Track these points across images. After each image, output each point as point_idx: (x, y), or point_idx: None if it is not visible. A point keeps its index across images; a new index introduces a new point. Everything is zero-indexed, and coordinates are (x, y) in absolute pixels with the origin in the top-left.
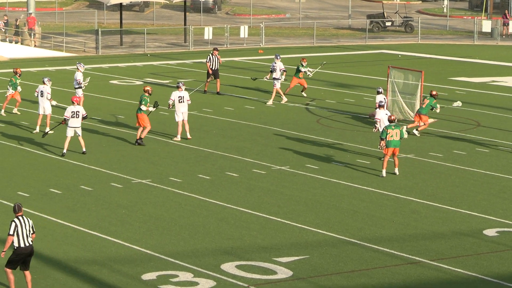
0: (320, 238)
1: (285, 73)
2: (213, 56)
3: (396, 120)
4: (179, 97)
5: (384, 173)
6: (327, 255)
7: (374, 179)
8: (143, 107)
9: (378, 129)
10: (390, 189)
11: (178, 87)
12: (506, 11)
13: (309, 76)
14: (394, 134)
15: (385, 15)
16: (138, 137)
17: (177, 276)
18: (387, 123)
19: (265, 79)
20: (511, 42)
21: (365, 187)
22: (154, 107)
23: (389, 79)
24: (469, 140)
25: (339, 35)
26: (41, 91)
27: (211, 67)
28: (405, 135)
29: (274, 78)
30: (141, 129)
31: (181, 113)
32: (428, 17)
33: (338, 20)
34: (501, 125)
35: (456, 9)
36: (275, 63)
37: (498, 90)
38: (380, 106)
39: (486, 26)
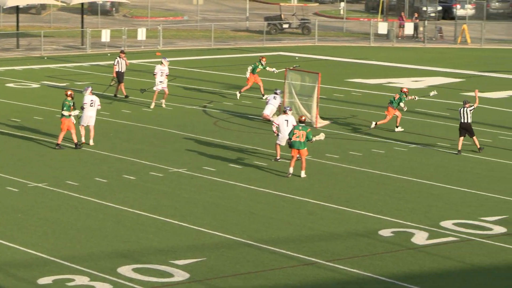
0: (217, 240)
1: (166, 76)
2: (120, 59)
3: (305, 121)
4: (91, 101)
5: (291, 170)
6: (224, 257)
7: (271, 180)
8: (65, 112)
9: (277, 134)
10: (287, 190)
11: (86, 90)
12: (402, 13)
13: (275, 72)
14: (300, 135)
15: (282, 17)
16: (75, 141)
17: (73, 280)
18: (285, 127)
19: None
20: (406, 43)
21: (262, 189)
22: (81, 110)
23: (286, 81)
24: (365, 141)
25: (237, 37)
26: None
27: (118, 69)
28: (312, 138)
29: (160, 81)
30: (67, 132)
31: (89, 117)
32: (325, 19)
33: (236, 22)
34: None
35: (353, 11)
36: (162, 66)
37: (393, 91)
38: (285, 112)
39: (382, 28)
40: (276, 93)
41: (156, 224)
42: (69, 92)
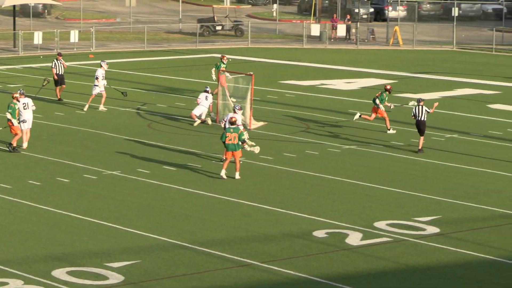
0: (152, 242)
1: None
2: (58, 62)
3: (237, 123)
4: (23, 104)
5: (223, 174)
6: (159, 259)
7: (206, 182)
8: (8, 115)
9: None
10: (221, 192)
11: (20, 95)
12: (335, 15)
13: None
14: (232, 138)
15: (215, 19)
16: (13, 144)
17: (7, 283)
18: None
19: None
20: (339, 45)
21: (197, 191)
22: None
23: (219, 83)
24: (299, 143)
25: (170, 39)
26: None
27: (57, 72)
28: (245, 137)
29: (95, 85)
30: (16, 137)
31: (26, 119)
32: (258, 21)
33: (169, 24)
34: (331, 127)
35: (285, 13)
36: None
37: (327, 92)
38: (234, 111)
39: (315, 29)
40: (206, 91)
41: (91, 227)
42: (15, 95)
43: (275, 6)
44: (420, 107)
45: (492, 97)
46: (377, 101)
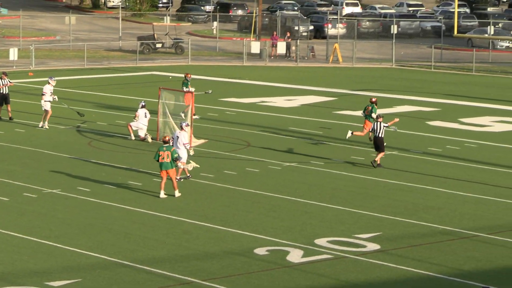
0: (93, 261)
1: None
2: (2, 80)
3: (170, 141)
4: None
5: (162, 195)
6: (100, 278)
7: (146, 200)
8: None
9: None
10: (162, 210)
11: None
12: (274, 32)
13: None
14: (165, 156)
15: (155, 36)
16: None
17: None
18: (176, 144)
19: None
20: (279, 63)
21: (138, 209)
22: None
23: (160, 101)
24: (240, 160)
25: (110, 57)
26: None
27: (2, 92)
28: (179, 163)
29: (47, 101)
30: None
31: None
32: (198, 38)
33: (109, 42)
34: (271, 144)
35: (226, 30)
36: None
37: (267, 110)
38: (181, 127)
39: (255, 47)
40: (143, 106)
41: (31, 246)
42: None
43: (215, 23)
44: (379, 123)
45: (431, 114)
46: (373, 115)
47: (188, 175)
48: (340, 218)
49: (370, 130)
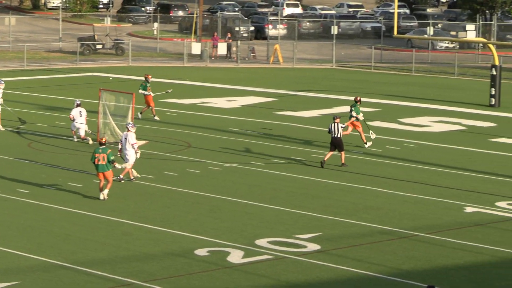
0: (32, 263)
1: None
2: None
3: (106, 143)
4: None
5: (101, 196)
6: (39, 280)
7: (86, 202)
8: None
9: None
10: (102, 211)
11: None
12: (215, 33)
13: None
14: (101, 158)
15: (96, 37)
16: None
17: None
18: (124, 145)
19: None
20: (220, 63)
21: (77, 210)
22: None
23: (100, 102)
24: (180, 161)
25: (50, 58)
26: None
27: None
28: (115, 164)
29: None
30: None
31: None
32: (138, 39)
33: (49, 43)
34: (211, 145)
35: (166, 31)
36: None
37: (208, 111)
38: (127, 129)
39: (196, 48)
40: (78, 105)
41: None
42: None
43: (155, 24)
44: (336, 124)
45: (371, 114)
46: (353, 113)
47: (132, 178)
48: (281, 218)
49: (328, 131)
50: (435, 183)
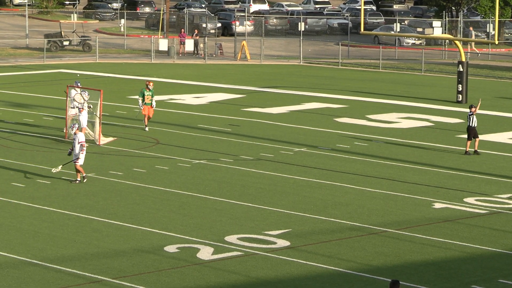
0: (1, 260)
1: None
2: None
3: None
4: None
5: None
6: (9, 277)
7: (55, 198)
8: None
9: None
10: (71, 208)
11: None
12: (182, 30)
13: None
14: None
15: (62, 34)
16: None
17: None
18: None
19: None
20: (187, 60)
21: (46, 207)
22: None
23: (68, 98)
24: (149, 158)
25: (17, 55)
26: None
27: None
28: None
29: None
30: None
31: None
32: (105, 36)
33: (15, 39)
34: (180, 142)
35: (133, 28)
36: None
37: (176, 107)
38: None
39: (163, 44)
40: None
41: None
42: None
43: (122, 21)
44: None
45: (339, 111)
46: None
47: (78, 179)
48: (250, 215)
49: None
50: (404, 179)
